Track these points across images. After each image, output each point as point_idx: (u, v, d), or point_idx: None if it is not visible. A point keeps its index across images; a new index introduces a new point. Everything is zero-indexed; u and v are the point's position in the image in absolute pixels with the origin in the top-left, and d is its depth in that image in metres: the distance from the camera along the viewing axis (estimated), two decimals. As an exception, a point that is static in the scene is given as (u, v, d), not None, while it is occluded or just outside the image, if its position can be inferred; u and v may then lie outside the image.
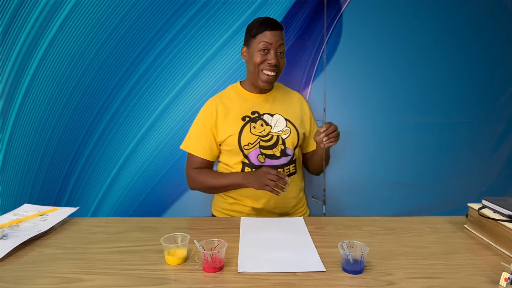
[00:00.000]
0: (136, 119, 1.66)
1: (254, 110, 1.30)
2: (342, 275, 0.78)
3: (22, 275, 0.79)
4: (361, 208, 1.74)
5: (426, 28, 1.67)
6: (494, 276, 0.77)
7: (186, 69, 1.63)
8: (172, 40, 1.62)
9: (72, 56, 1.61)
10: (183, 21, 1.61)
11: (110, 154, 1.68)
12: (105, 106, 1.65)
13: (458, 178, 1.74)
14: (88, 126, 1.66)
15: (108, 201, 1.70)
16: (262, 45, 1.23)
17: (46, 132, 1.65)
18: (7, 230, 0.98)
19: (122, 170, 1.68)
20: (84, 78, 1.62)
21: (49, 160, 1.67)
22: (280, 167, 1.28)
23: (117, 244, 0.94)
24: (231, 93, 1.34)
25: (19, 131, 1.65)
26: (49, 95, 1.63)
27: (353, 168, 1.72)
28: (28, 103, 1.64)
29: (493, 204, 0.97)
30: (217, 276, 0.78)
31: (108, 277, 0.77)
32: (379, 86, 1.69)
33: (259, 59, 1.24)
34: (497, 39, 1.69)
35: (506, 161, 1.74)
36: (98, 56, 1.61)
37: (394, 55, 1.67)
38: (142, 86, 1.64)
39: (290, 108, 1.36)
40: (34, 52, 1.61)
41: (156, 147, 1.68)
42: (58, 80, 1.62)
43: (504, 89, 1.72)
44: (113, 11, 1.59)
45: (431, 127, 1.71)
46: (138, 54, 1.62)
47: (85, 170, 1.68)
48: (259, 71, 1.26)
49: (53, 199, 1.69)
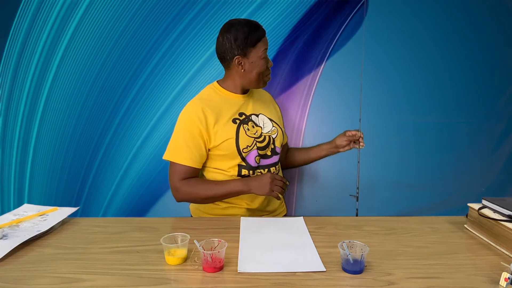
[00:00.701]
0: (146, 113, 1.71)
1: (240, 112, 1.26)
2: (342, 275, 0.78)
3: (22, 275, 0.79)
4: (361, 208, 1.74)
5: (426, 28, 1.67)
6: (494, 276, 0.77)
7: (189, 66, 1.67)
8: (176, 38, 1.65)
9: (87, 57, 1.67)
10: (188, 18, 1.65)
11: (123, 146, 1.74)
12: (117, 105, 1.70)
13: (458, 178, 1.74)
14: (103, 124, 1.72)
15: (121, 198, 1.76)
16: (264, 52, 1.22)
17: (67, 133, 1.72)
18: (7, 230, 0.99)
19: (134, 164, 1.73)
20: (98, 80, 1.69)
21: (71, 159, 1.74)
22: (273, 165, 1.30)
23: (117, 244, 0.94)
24: (213, 95, 1.26)
25: (43, 134, 1.72)
26: (68, 97, 1.70)
27: (353, 168, 1.72)
28: (49, 105, 1.71)
29: (493, 204, 0.97)
30: (217, 276, 0.78)
31: (108, 277, 0.77)
32: (379, 86, 1.69)
33: (264, 66, 1.23)
34: (497, 39, 1.69)
35: (506, 161, 1.75)
36: (111, 54, 1.67)
37: (394, 55, 1.67)
38: (148, 86, 1.69)
39: (268, 107, 1.37)
40: (54, 54, 1.67)
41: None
42: (75, 84, 1.69)
43: (504, 89, 1.72)
44: (123, 10, 1.64)
45: (431, 127, 1.72)
46: (144, 56, 1.67)
47: (101, 166, 1.75)
48: (263, 77, 1.25)
49: (74, 197, 1.75)
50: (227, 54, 1.21)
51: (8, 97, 1.70)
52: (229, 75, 1.27)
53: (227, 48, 1.20)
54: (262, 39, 1.22)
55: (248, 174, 1.24)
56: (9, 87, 1.69)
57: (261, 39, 1.21)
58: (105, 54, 1.66)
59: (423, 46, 1.68)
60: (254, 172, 1.25)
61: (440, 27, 1.67)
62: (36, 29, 1.65)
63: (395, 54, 1.67)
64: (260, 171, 1.27)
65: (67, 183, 1.74)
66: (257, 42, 1.20)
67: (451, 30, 1.68)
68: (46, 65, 1.67)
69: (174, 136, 1.23)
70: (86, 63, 1.67)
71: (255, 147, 1.24)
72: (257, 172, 1.26)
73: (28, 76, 1.68)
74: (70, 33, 1.65)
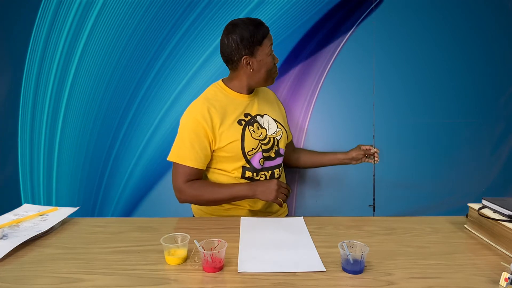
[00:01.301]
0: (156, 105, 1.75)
1: (246, 112, 1.24)
2: (342, 275, 0.78)
3: (22, 275, 0.79)
4: (361, 208, 1.74)
5: (426, 28, 1.67)
6: (494, 276, 0.77)
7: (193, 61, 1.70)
8: (183, 34, 1.69)
9: (103, 54, 1.72)
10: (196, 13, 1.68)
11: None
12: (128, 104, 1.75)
13: (458, 178, 1.74)
14: (117, 121, 1.76)
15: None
16: (270, 48, 1.21)
17: (86, 133, 1.76)
18: (7, 230, 0.99)
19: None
20: (113, 77, 1.73)
21: (90, 158, 1.77)
22: (276, 167, 1.29)
23: (117, 244, 0.94)
24: (218, 95, 1.24)
25: (66, 134, 1.77)
26: (86, 99, 1.74)
27: (353, 168, 1.72)
28: (70, 108, 1.76)
29: (493, 204, 0.97)
30: (217, 276, 0.78)
31: (108, 277, 0.77)
32: (379, 86, 1.69)
33: (272, 63, 1.22)
34: (497, 39, 1.69)
35: (506, 161, 1.74)
36: (125, 52, 1.72)
37: (395, 55, 1.67)
38: (154, 86, 1.73)
39: (273, 107, 1.36)
40: (73, 52, 1.73)
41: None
42: (91, 86, 1.75)
43: (504, 89, 1.72)
44: (134, 10, 1.68)
45: (431, 127, 1.72)
46: (151, 57, 1.71)
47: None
48: (270, 75, 1.24)
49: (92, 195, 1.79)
50: (234, 55, 1.18)
51: (33, 100, 1.76)
52: (236, 76, 1.24)
53: (233, 49, 1.17)
54: (267, 35, 1.20)
55: (252, 176, 1.24)
56: (33, 92, 1.75)
57: (266, 36, 1.19)
58: (117, 56, 1.71)
59: (423, 46, 1.68)
60: (257, 174, 1.24)
61: (440, 27, 1.67)
62: (55, 31, 1.71)
63: (395, 54, 1.67)
64: (264, 173, 1.26)
65: (87, 182, 1.78)
66: (263, 40, 1.18)
67: (451, 30, 1.67)
68: (68, 61, 1.73)
69: (178, 136, 1.21)
70: (101, 62, 1.72)
71: (260, 149, 1.23)
72: (260, 174, 1.25)
73: (49, 81, 1.74)
74: (86, 35, 1.70)
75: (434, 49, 1.68)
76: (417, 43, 1.67)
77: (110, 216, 1.75)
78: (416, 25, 1.67)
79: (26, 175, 1.78)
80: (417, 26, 1.67)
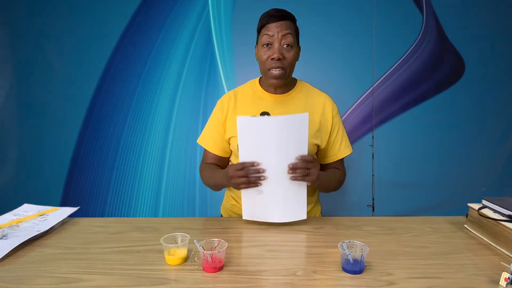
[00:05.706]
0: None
1: (264, 111, 1.18)
2: (342, 275, 0.78)
3: (22, 275, 0.79)
4: (361, 208, 1.74)
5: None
6: (494, 276, 0.77)
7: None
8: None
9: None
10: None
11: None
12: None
13: (458, 178, 1.74)
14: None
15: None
16: (265, 39, 1.10)
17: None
18: (7, 230, 0.98)
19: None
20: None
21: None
22: None
23: (117, 244, 0.94)
24: (247, 90, 1.23)
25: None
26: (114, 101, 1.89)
27: (353, 168, 1.72)
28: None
29: (493, 204, 0.97)
30: (217, 276, 0.78)
31: (108, 277, 0.77)
32: (379, 86, 1.69)
33: (264, 55, 1.11)
34: (497, 40, 1.69)
35: (506, 161, 1.75)
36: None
37: (395, 55, 1.67)
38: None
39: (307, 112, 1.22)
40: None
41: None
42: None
43: (504, 89, 1.72)
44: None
45: (431, 127, 1.72)
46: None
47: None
48: (267, 70, 1.13)
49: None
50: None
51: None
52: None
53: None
54: (267, 25, 1.10)
55: None
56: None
57: (265, 25, 1.10)
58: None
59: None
60: None
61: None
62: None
63: (395, 54, 1.67)
64: None
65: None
66: (261, 28, 1.12)
67: (451, 30, 1.67)
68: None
69: (208, 122, 1.27)
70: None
71: None
72: None
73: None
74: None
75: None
76: (417, 43, 1.67)
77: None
78: (416, 26, 1.67)
79: (26, 175, 1.77)
80: (418, 26, 1.67)
